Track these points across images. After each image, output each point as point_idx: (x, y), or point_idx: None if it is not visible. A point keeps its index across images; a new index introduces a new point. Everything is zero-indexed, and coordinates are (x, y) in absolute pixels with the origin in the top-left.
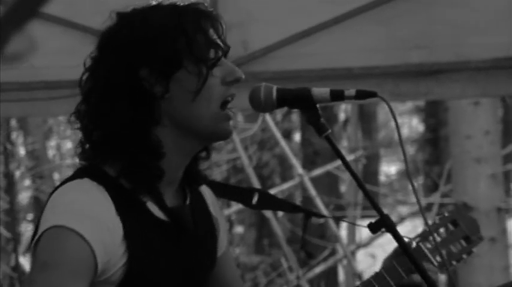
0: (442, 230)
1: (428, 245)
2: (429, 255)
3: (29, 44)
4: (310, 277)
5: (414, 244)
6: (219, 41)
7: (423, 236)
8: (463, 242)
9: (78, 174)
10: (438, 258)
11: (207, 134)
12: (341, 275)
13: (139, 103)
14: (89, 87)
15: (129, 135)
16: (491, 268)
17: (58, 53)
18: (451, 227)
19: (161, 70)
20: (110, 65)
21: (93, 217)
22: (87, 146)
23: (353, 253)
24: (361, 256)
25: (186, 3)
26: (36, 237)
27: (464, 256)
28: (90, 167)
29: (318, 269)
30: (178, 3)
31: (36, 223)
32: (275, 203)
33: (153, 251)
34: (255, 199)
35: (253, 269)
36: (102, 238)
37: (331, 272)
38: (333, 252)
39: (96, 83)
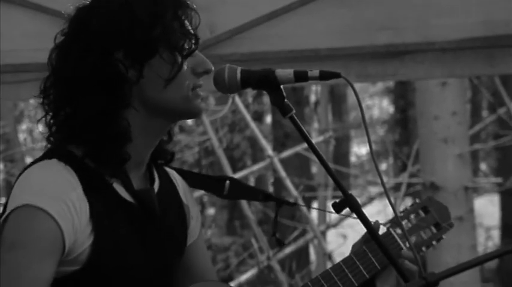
0: (413, 216)
1: (399, 231)
2: (399, 240)
3: None
4: (280, 257)
5: (385, 229)
6: (193, 32)
7: (394, 222)
8: (434, 229)
9: (46, 155)
10: (408, 244)
11: (179, 113)
12: (312, 255)
13: (112, 85)
14: (59, 65)
15: (98, 117)
16: (458, 247)
17: (26, 37)
18: (422, 213)
19: (137, 54)
20: (85, 44)
21: (60, 196)
22: (54, 126)
23: (323, 233)
24: (332, 236)
25: None
26: (4, 216)
27: (434, 242)
28: (58, 149)
29: (288, 250)
30: None
31: (5, 203)
32: (247, 192)
33: (119, 232)
34: (226, 188)
35: (225, 250)
36: (70, 218)
37: (302, 253)
38: (304, 232)
39: (68, 61)
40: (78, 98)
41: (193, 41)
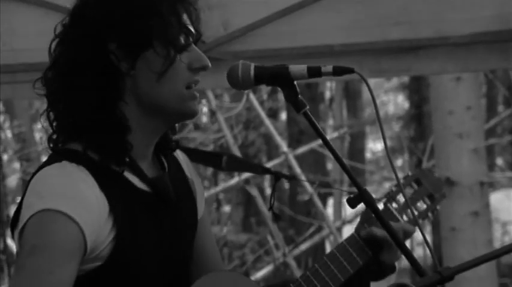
0: (406, 189)
1: (395, 205)
2: (397, 215)
3: None
4: (296, 254)
5: (382, 205)
6: (191, 27)
7: (389, 197)
8: (427, 200)
9: (53, 158)
10: (405, 217)
11: (173, 114)
12: (327, 252)
13: (105, 76)
14: (56, 56)
15: (92, 107)
16: (474, 242)
17: (39, 35)
18: (415, 186)
19: (130, 46)
20: (79, 34)
21: (78, 197)
22: (54, 128)
23: (339, 230)
24: (347, 233)
25: None
26: (22, 223)
27: (429, 213)
28: (65, 150)
29: (304, 246)
30: None
31: (17, 207)
32: (245, 166)
33: (138, 223)
34: (224, 162)
35: (240, 247)
36: (90, 217)
37: (318, 249)
38: (319, 229)
39: (64, 51)
40: (71, 87)
41: (190, 37)
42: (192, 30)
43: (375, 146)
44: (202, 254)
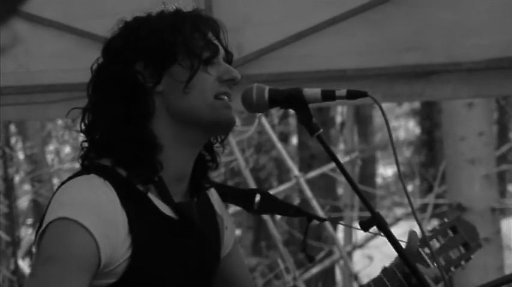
0: (441, 236)
1: (427, 250)
2: (428, 260)
3: (13, 38)
4: (306, 277)
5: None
6: (217, 43)
7: (422, 241)
8: (462, 249)
9: (83, 170)
10: (436, 264)
11: (209, 124)
12: (338, 276)
13: (134, 96)
14: (91, 89)
15: (123, 125)
16: (485, 268)
17: (54, 57)
18: (450, 233)
19: (155, 64)
20: (108, 62)
21: (98, 210)
22: (88, 144)
23: (349, 254)
24: (358, 257)
25: (188, 10)
26: (41, 229)
27: (462, 262)
28: (95, 164)
29: (314, 270)
30: (180, 10)
31: (41, 217)
32: (277, 207)
33: (157, 247)
34: (256, 203)
35: (251, 270)
36: (107, 232)
37: (328, 273)
38: (330, 253)
39: (97, 81)
40: (104, 111)
41: (216, 51)
42: (219, 46)
43: (385, 171)
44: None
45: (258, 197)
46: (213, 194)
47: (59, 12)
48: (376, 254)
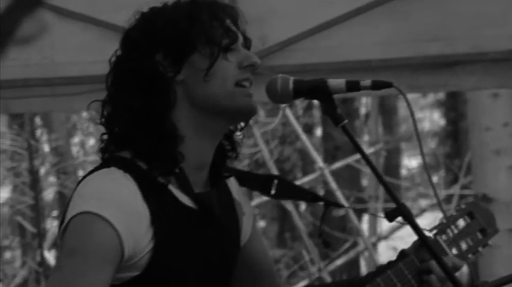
0: (458, 222)
1: (444, 238)
2: (445, 247)
3: (40, 27)
4: (331, 269)
5: (432, 236)
6: (236, 30)
7: (440, 229)
8: (479, 235)
9: (104, 164)
10: (454, 250)
11: (229, 111)
12: (362, 267)
13: (154, 87)
14: (110, 81)
15: (142, 116)
16: (510, 258)
17: (79, 49)
18: (467, 219)
19: (175, 53)
20: (127, 53)
21: (120, 203)
22: (107, 137)
23: (374, 245)
24: (382, 248)
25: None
26: (64, 224)
27: (480, 248)
28: (115, 157)
29: (339, 262)
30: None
31: (64, 211)
32: (295, 192)
33: (179, 238)
34: (274, 187)
35: (275, 262)
36: (129, 225)
37: (353, 265)
38: (354, 244)
39: (116, 73)
40: (124, 103)
41: (235, 38)
42: (238, 33)
43: (410, 162)
44: (256, 272)
45: (275, 182)
46: (231, 181)
47: (84, 4)
48: (401, 246)
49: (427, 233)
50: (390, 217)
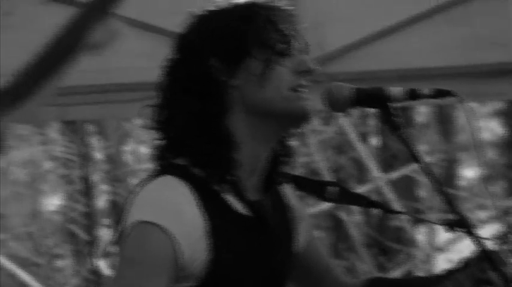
0: None
1: (505, 248)
2: (506, 259)
3: (111, 34)
4: None
5: (492, 247)
6: (292, 34)
7: (500, 239)
8: None
9: (158, 171)
10: None
11: (281, 115)
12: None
13: (209, 92)
14: (165, 85)
15: (198, 123)
16: None
17: (133, 56)
18: None
19: (229, 57)
20: (181, 57)
21: (176, 211)
22: (162, 143)
23: (430, 257)
24: (439, 261)
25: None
26: (122, 232)
27: None
28: (171, 164)
29: (395, 274)
30: (252, 2)
31: (119, 219)
32: (350, 197)
33: (235, 247)
34: (328, 192)
35: None
36: (186, 233)
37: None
38: (410, 256)
39: (171, 77)
40: (178, 109)
41: (289, 42)
42: (295, 38)
43: (468, 172)
44: (319, 278)
45: (329, 186)
46: (286, 187)
47: (137, 10)
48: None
49: (487, 244)
50: (449, 227)
